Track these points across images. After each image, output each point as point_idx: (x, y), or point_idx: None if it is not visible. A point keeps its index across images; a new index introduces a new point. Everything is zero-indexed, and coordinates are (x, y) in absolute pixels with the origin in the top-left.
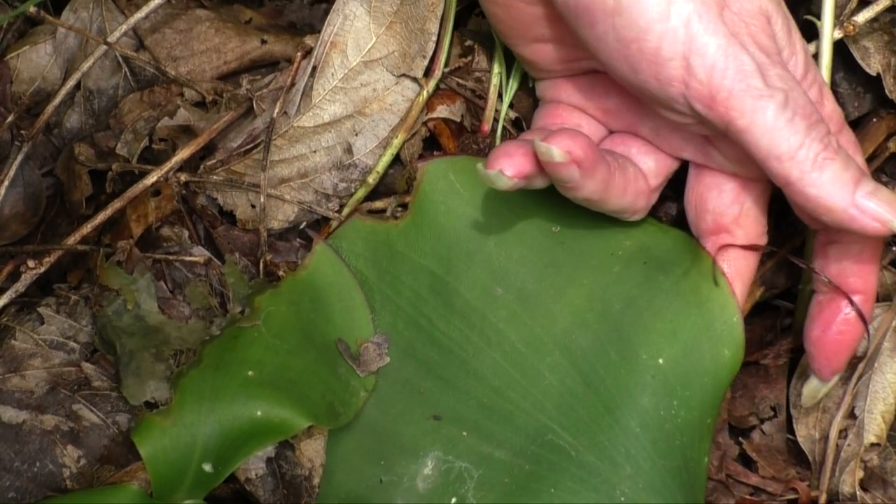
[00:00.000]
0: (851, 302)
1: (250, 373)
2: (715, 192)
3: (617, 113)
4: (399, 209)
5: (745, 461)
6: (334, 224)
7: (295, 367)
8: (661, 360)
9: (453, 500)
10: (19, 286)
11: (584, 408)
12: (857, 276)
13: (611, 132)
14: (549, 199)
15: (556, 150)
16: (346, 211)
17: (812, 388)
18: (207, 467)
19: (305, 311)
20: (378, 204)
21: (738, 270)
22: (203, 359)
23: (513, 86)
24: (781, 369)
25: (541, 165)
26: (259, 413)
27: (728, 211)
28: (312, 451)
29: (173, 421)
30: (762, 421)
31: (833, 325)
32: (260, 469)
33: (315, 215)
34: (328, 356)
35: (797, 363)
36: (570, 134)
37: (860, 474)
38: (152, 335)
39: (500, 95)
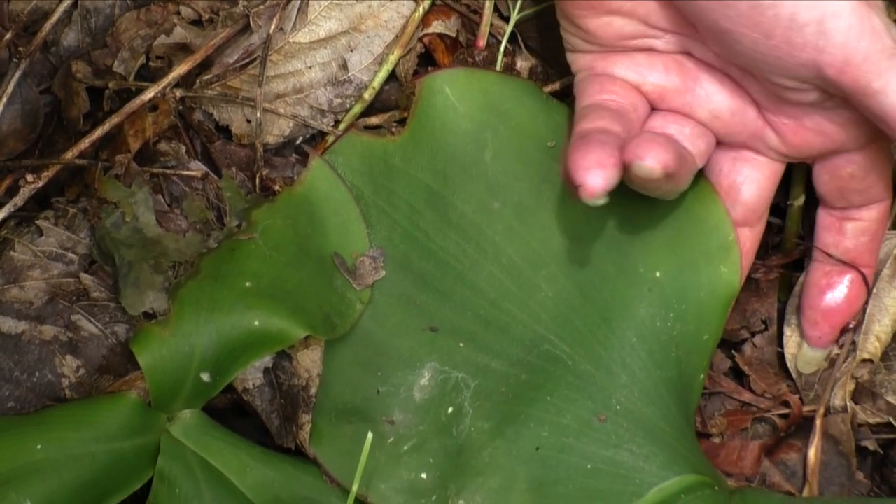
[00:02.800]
0: (864, 277)
1: (248, 284)
2: (753, 186)
3: (675, 93)
4: (395, 125)
5: (737, 374)
6: (330, 139)
7: (291, 280)
8: (658, 274)
9: (450, 409)
10: (18, 200)
11: (581, 319)
12: (871, 252)
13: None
14: (546, 114)
15: (658, 169)
16: (341, 126)
17: (810, 357)
18: (205, 377)
19: (302, 225)
20: (374, 120)
21: (745, 250)
22: (201, 270)
23: (518, 5)
24: (772, 284)
25: (625, 169)
26: (256, 323)
27: (760, 207)
28: (309, 362)
29: (171, 331)
30: (753, 334)
31: (841, 297)
32: (257, 379)
33: (310, 130)
34: (324, 269)
35: (788, 278)
36: (664, 145)
37: (850, 387)
38: (150, 247)
39: (495, 10)
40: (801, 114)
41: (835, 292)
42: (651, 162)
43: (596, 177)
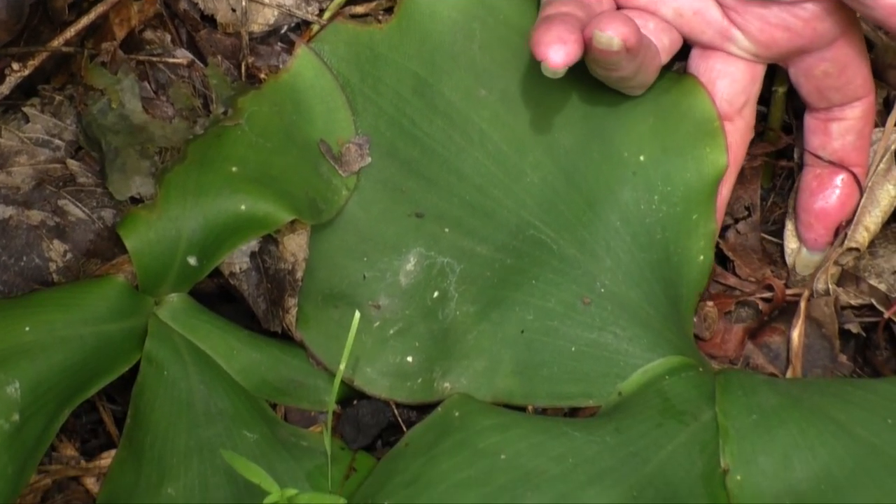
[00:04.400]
0: (855, 176)
1: (234, 169)
2: (727, 80)
3: None
4: (382, 13)
5: (721, 260)
6: (316, 28)
7: (278, 165)
8: (642, 158)
9: (435, 293)
10: (4, 88)
11: (566, 203)
12: (858, 150)
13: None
14: (532, 9)
15: (616, 40)
16: (326, 16)
17: (807, 260)
18: (192, 261)
19: (288, 112)
20: (359, 9)
21: (735, 157)
22: (187, 156)
23: None
24: (756, 171)
25: (587, 46)
26: (243, 207)
27: (737, 100)
28: (295, 246)
29: (158, 215)
30: (737, 221)
31: (834, 198)
32: (244, 263)
33: (295, 19)
34: (310, 156)
35: (771, 166)
36: (624, 20)
37: (833, 271)
38: (137, 133)
39: None
40: (765, 11)
41: (827, 194)
42: (610, 32)
43: (557, 52)
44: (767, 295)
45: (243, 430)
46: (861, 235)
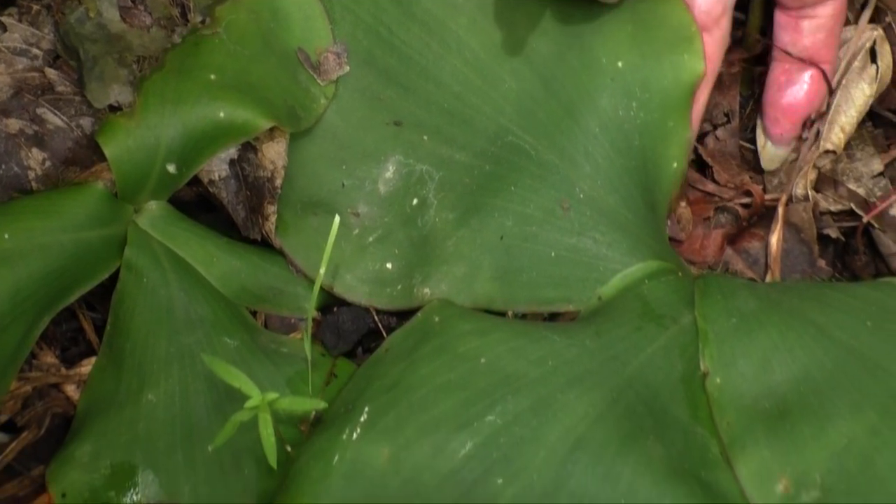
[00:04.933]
0: (824, 73)
1: (212, 77)
2: None
3: None
4: None
5: (701, 167)
6: None
7: (256, 73)
8: (620, 64)
9: (414, 201)
10: None
11: (544, 110)
12: (828, 47)
13: None
14: None
15: None
16: None
17: (773, 154)
18: (171, 168)
19: (265, 20)
20: None
21: (712, 66)
22: (166, 64)
23: None
24: (734, 77)
25: None
26: (221, 114)
27: (714, 10)
28: (274, 154)
29: (137, 122)
30: (716, 127)
31: (801, 94)
32: (223, 171)
33: None
34: (288, 64)
35: (750, 72)
36: None
37: (812, 176)
38: (115, 42)
39: None
40: None
41: (794, 89)
42: None
43: None
44: (746, 200)
45: (223, 337)
46: (836, 136)
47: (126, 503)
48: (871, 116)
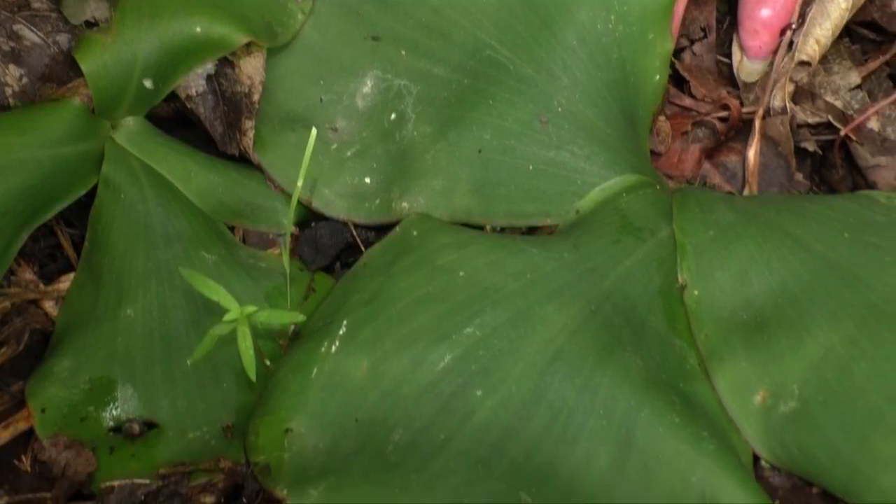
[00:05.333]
0: None
1: None
2: None
3: None
4: None
5: (678, 82)
6: None
7: None
8: None
9: (392, 115)
10: None
11: (522, 24)
12: None
13: None
14: None
15: None
16: None
17: (751, 69)
18: (148, 83)
19: None
20: None
21: None
22: None
23: None
24: None
25: None
26: (198, 29)
27: None
28: (252, 69)
29: (114, 38)
30: (692, 42)
31: (779, 6)
32: (200, 86)
33: None
34: None
35: None
36: None
37: (790, 89)
38: None
39: None
40: None
41: (772, 2)
42: None
43: None
44: (724, 114)
45: (201, 252)
46: (811, 48)
47: (105, 417)
48: (849, 33)
